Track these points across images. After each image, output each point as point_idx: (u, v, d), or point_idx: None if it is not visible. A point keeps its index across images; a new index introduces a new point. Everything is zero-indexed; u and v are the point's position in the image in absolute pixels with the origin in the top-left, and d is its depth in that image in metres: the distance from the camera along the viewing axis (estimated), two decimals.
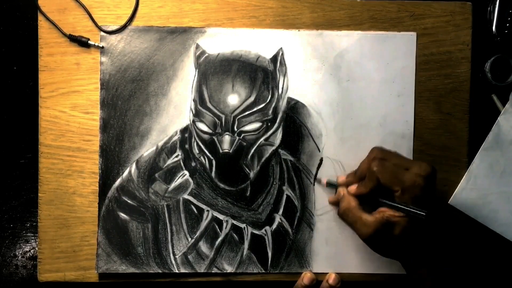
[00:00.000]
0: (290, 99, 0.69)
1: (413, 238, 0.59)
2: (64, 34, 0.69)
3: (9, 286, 0.72)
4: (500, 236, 0.70)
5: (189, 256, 0.69)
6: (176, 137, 0.69)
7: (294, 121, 0.69)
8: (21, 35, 0.72)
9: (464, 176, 0.70)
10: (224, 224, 0.69)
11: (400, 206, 0.59)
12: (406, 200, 0.58)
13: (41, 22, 0.69)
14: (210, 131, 0.68)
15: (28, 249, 0.73)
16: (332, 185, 0.68)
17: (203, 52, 0.69)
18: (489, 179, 0.70)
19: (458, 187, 0.70)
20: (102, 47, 0.69)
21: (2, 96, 0.72)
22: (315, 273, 0.69)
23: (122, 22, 0.69)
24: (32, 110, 0.70)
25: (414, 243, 0.60)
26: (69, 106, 0.69)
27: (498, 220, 0.70)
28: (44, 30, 0.69)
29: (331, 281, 0.67)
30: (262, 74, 0.69)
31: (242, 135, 0.68)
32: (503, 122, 0.70)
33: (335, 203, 0.67)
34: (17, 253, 0.73)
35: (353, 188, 0.63)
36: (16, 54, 0.72)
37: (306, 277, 0.68)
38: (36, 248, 0.71)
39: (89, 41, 0.68)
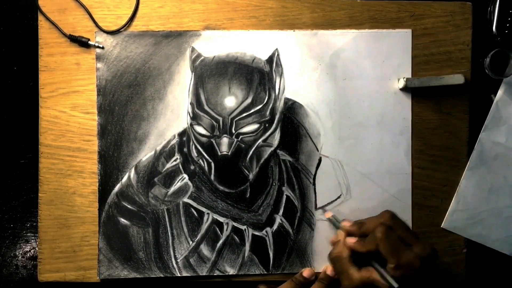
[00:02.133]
0: (287, 100, 0.69)
1: None
2: (64, 34, 0.69)
3: (9, 286, 0.72)
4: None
5: (190, 260, 0.69)
6: (174, 141, 0.69)
7: (292, 121, 0.69)
8: (21, 35, 0.72)
9: (453, 198, 0.70)
10: (225, 227, 0.69)
11: (389, 280, 0.59)
12: (398, 275, 0.58)
13: (41, 22, 0.69)
14: (208, 134, 0.68)
15: (28, 249, 0.73)
16: (332, 222, 0.68)
17: (199, 55, 0.69)
18: (478, 198, 0.70)
19: (448, 210, 0.70)
20: (102, 47, 0.69)
21: (2, 96, 0.72)
22: (316, 272, 0.69)
23: (122, 22, 0.69)
24: (32, 110, 0.70)
25: None
26: (69, 106, 0.69)
27: (492, 236, 0.70)
28: (44, 30, 0.69)
29: (329, 272, 0.67)
30: (258, 76, 0.69)
31: (240, 137, 0.68)
32: (485, 138, 0.70)
33: (333, 243, 0.67)
34: (17, 253, 0.73)
35: (351, 241, 0.63)
36: (16, 54, 0.72)
37: (305, 271, 0.68)
38: (36, 248, 0.71)
39: (89, 41, 0.68)
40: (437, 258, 0.60)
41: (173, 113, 0.69)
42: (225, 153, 0.68)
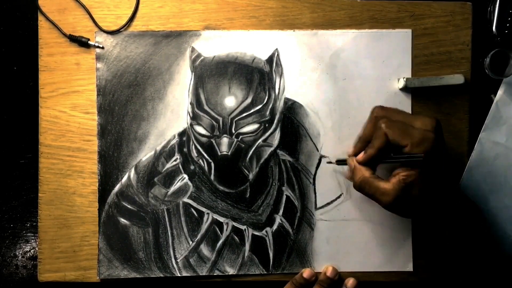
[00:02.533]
0: (287, 100, 0.69)
1: (431, 194, 0.58)
2: (64, 34, 0.69)
3: (9, 286, 0.72)
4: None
5: (190, 260, 0.69)
6: (174, 141, 0.69)
7: (292, 121, 0.69)
8: (21, 35, 0.72)
9: None
10: (225, 227, 0.69)
11: (415, 156, 0.57)
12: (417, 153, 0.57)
13: (41, 22, 0.69)
14: (208, 134, 0.68)
15: (28, 249, 0.73)
16: (342, 162, 0.66)
17: (199, 55, 0.69)
18: (478, 198, 0.70)
19: None
20: (102, 47, 0.69)
21: (2, 96, 0.72)
22: (316, 272, 0.69)
23: (122, 22, 0.69)
24: (32, 110, 0.70)
25: (433, 199, 0.58)
26: (69, 106, 0.69)
27: (492, 236, 0.70)
28: (44, 30, 0.69)
29: (328, 273, 0.67)
30: (258, 76, 0.69)
31: (240, 137, 0.68)
32: (485, 138, 0.70)
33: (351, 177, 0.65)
34: (17, 253, 0.73)
35: (361, 155, 0.61)
36: (16, 54, 0.72)
37: (306, 272, 0.68)
38: (36, 248, 0.71)
39: (89, 41, 0.68)
40: (441, 125, 0.59)
41: (173, 113, 0.69)
42: (225, 153, 0.68)
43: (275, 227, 0.69)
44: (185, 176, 0.69)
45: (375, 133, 0.60)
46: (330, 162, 0.68)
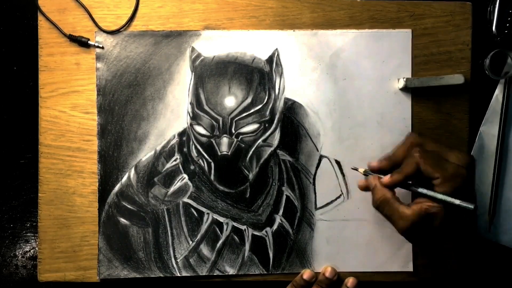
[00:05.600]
0: (287, 100, 0.69)
1: (452, 228, 0.57)
2: (64, 34, 0.69)
3: (9, 286, 0.72)
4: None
5: (190, 260, 0.69)
6: (174, 141, 0.69)
7: (292, 121, 0.69)
8: (21, 35, 0.72)
9: None
10: (225, 227, 0.69)
11: (445, 199, 0.55)
12: (447, 189, 0.56)
13: (41, 22, 0.69)
14: (208, 133, 0.68)
15: (28, 249, 0.73)
16: (367, 174, 0.64)
17: (199, 55, 0.69)
18: (480, 191, 0.70)
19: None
20: (102, 47, 0.69)
21: (2, 96, 0.72)
22: (316, 273, 0.69)
23: (122, 22, 0.69)
24: (32, 110, 0.70)
25: (453, 233, 0.58)
26: (69, 106, 0.69)
27: (495, 229, 0.70)
28: (44, 30, 0.69)
29: (327, 274, 0.67)
30: (258, 76, 0.69)
31: (240, 137, 0.68)
32: (485, 132, 0.70)
33: (365, 189, 0.64)
34: (17, 253, 0.73)
35: (387, 178, 0.60)
36: (16, 54, 0.72)
37: (306, 273, 0.68)
38: (36, 248, 0.71)
39: (89, 41, 0.68)
40: (475, 163, 0.57)
41: (173, 113, 0.69)
42: (225, 153, 0.68)
43: (275, 227, 0.69)
44: (185, 176, 0.69)
45: (407, 160, 0.59)
46: (356, 169, 0.65)
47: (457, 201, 0.55)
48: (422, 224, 0.57)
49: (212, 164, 0.68)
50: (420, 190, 0.58)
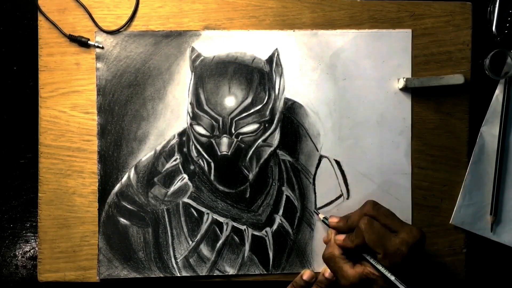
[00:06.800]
0: (287, 100, 0.69)
1: None
2: (64, 34, 0.69)
3: (9, 286, 0.72)
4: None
5: (190, 260, 0.69)
6: (174, 141, 0.69)
7: (292, 121, 0.69)
8: (21, 35, 0.72)
9: (459, 194, 0.70)
10: (225, 227, 0.69)
11: (382, 271, 0.58)
12: (386, 264, 0.58)
13: (41, 22, 0.69)
14: (208, 133, 0.68)
15: (28, 249, 0.73)
16: (325, 223, 0.68)
17: (199, 55, 0.69)
18: (482, 191, 0.70)
19: (456, 206, 0.70)
20: (102, 47, 0.69)
21: (2, 96, 0.72)
22: (316, 273, 0.69)
23: (122, 22, 0.69)
24: (32, 110, 0.70)
25: None
26: (69, 106, 0.69)
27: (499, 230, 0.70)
28: (44, 30, 0.69)
29: (327, 274, 0.67)
30: (258, 76, 0.69)
31: (240, 137, 0.68)
32: (486, 132, 0.70)
33: (326, 242, 0.67)
34: (17, 253, 0.73)
35: (340, 238, 0.63)
36: (16, 54, 0.72)
37: (305, 273, 0.68)
38: (36, 248, 0.71)
39: (89, 41, 0.68)
40: (425, 241, 0.59)
41: (173, 113, 0.69)
42: (225, 153, 0.68)
43: (275, 227, 0.69)
44: (185, 176, 0.69)
45: (356, 229, 0.61)
46: (317, 214, 0.69)
47: (392, 277, 0.58)
48: (361, 286, 0.60)
49: (212, 164, 0.68)
50: (366, 256, 0.60)
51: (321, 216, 0.68)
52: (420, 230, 0.59)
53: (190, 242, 0.69)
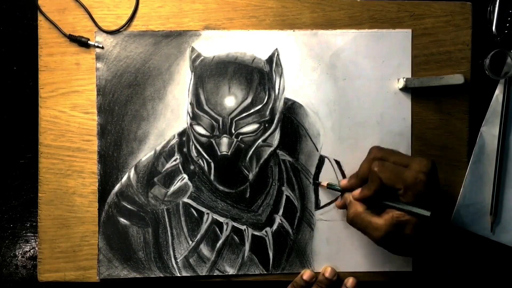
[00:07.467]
0: (287, 100, 0.69)
1: (425, 235, 0.59)
2: (64, 34, 0.69)
3: (9, 286, 0.72)
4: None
5: (190, 260, 0.69)
6: (174, 141, 0.69)
7: (292, 121, 0.69)
8: (21, 35, 0.72)
9: (459, 194, 0.70)
10: (225, 227, 0.69)
11: (403, 208, 0.58)
12: (410, 198, 0.57)
13: (41, 22, 0.69)
14: (208, 134, 0.68)
15: (28, 249, 0.73)
16: (333, 188, 0.68)
17: (199, 55, 0.69)
18: (482, 191, 0.70)
19: (456, 206, 0.70)
20: (102, 47, 0.69)
21: (2, 96, 0.72)
22: (316, 273, 0.69)
23: (122, 22, 0.69)
24: (32, 110, 0.70)
25: (426, 239, 0.59)
26: (69, 106, 0.69)
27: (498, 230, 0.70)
28: (44, 30, 0.69)
29: (327, 274, 0.67)
30: (258, 76, 0.69)
31: (240, 137, 0.68)
32: (486, 132, 0.70)
33: (343, 207, 0.67)
34: (17, 253, 0.73)
35: (357, 192, 0.62)
36: (16, 54, 0.72)
37: (305, 273, 0.68)
38: (36, 248, 0.71)
39: (89, 41, 0.68)
40: (436, 168, 0.59)
41: (173, 113, 0.69)
42: (225, 153, 0.68)
43: (275, 227, 0.69)
44: (185, 176, 0.69)
45: (370, 176, 0.60)
46: (319, 184, 0.69)
47: (414, 209, 0.57)
48: (396, 232, 0.58)
49: (212, 164, 0.68)
50: (389, 203, 0.59)
51: (324, 183, 0.68)
52: (430, 159, 0.59)
53: (190, 242, 0.69)
